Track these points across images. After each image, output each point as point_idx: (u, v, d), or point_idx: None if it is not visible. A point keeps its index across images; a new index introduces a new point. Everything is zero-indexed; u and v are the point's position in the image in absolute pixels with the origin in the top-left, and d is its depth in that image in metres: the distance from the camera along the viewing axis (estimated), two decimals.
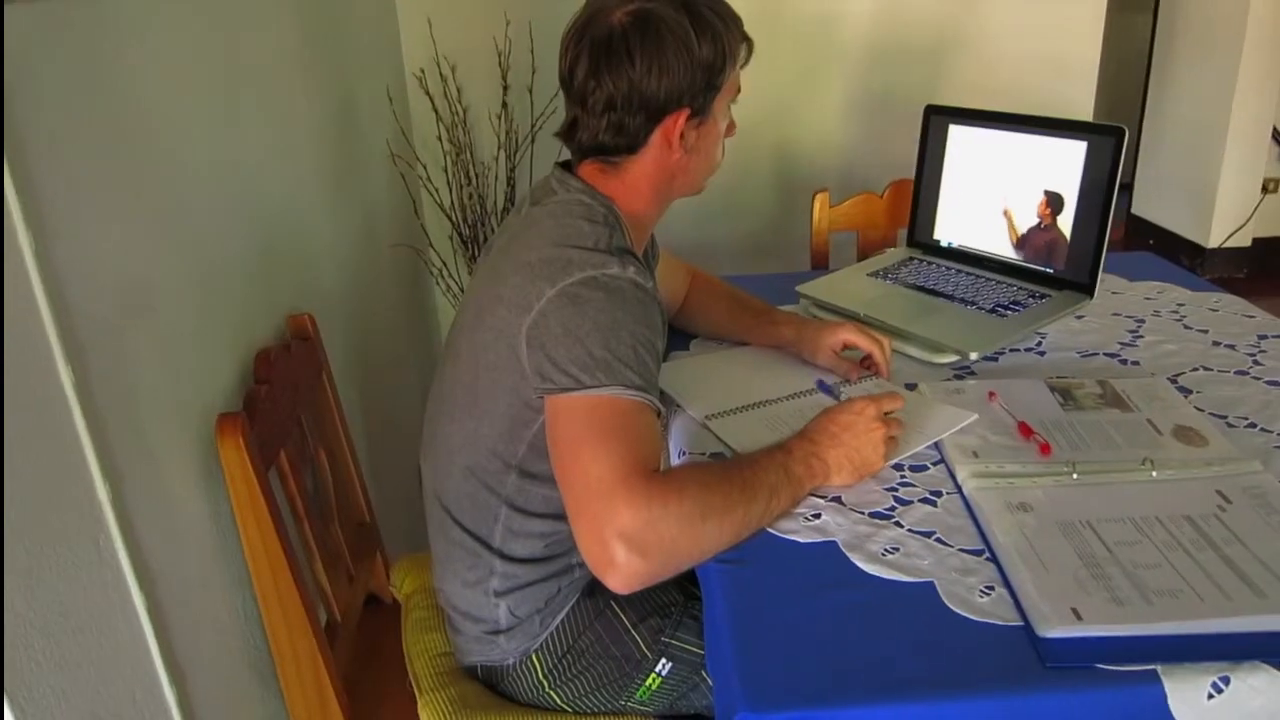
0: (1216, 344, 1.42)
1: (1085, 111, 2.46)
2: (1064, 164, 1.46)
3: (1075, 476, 1.05)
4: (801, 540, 1.00)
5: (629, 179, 1.14)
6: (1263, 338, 1.44)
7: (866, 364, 1.36)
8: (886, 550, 0.97)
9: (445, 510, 1.18)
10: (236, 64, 1.32)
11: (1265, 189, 3.96)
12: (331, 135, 1.72)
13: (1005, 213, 1.56)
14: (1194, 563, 0.91)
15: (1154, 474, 1.05)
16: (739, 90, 1.18)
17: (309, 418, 1.29)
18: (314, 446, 1.29)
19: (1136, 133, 4.33)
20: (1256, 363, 1.36)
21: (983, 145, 1.59)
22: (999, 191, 1.57)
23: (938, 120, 1.66)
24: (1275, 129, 3.87)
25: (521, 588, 1.16)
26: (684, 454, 1.19)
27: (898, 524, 1.02)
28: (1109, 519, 0.98)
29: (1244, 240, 4.00)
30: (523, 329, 1.03)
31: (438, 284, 2.32)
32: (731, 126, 1.20)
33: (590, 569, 0.95)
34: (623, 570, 0.91)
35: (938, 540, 0.99)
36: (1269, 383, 1.30)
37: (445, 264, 2.31)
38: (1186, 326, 1.49)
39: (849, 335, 1.34)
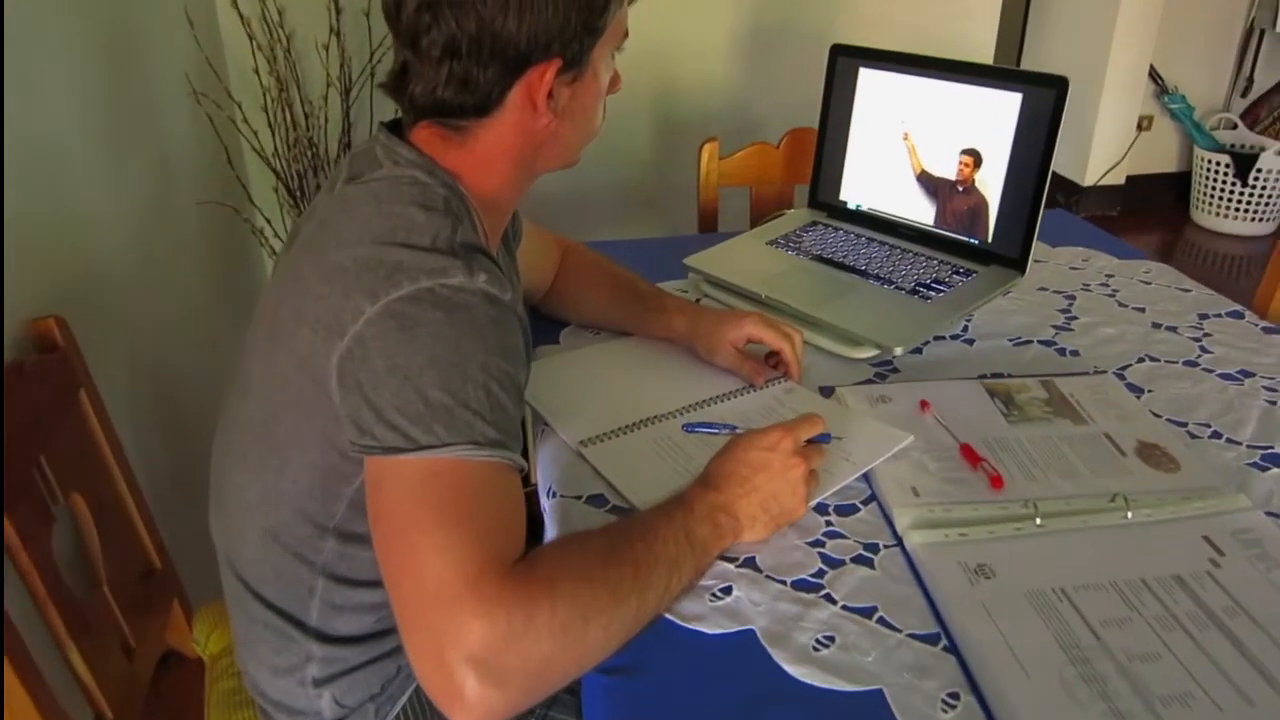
0: (1157, 326, 1.26)
1: (986, 52, 2.28)
2: (994, 118, 1.25)
3: (1039, 523, 0.85)
4: (709, 631, 0.77)
5: (480, 150, 0.86)
6: (1204, 317, 1.28)
7: (773, 362, 1.14)
8: (819, 642, 0.75)
9: (242, 582, 0.91)
10: None
11: (1140, 126, 3.93)
12: (103, 67, 1.35)
13: (905, 137, 1.35)
14: (1198, 649, 0.73)
15: (1129, 515, 0.87)
16: (626, 35, 0.90)
17: (56, 457, 0.97)
18: (64, 494, 0.98)
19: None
20: (1204, 349, 1.20)
21: (899, 93, 1.36)
22: (921, 146, 1.35)
23: (845, 63, 1.42)
24: (1152, 67, 3.82)
25: (349, 672, 0.91)
26: (554, 495, 0.94)
27: (829, 598, 0.80)
28: (1087, 585, 0.79)
29: (1118, 178, 3.98)
30: (333, 360, 0.75)
31: (263, 246, 1.98)
32: (615, 80, 0.93)
33: (430, 699, 0.69)
34: (475, 708, 0.66)
35: (881, 621, 0.78)
36: (1222, 376, 1.14)
37: (270, 222, 1.96)
38: (1121, 304, 1.32)
39: (754, 329, 1.10)
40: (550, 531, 0.91)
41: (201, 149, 1.75)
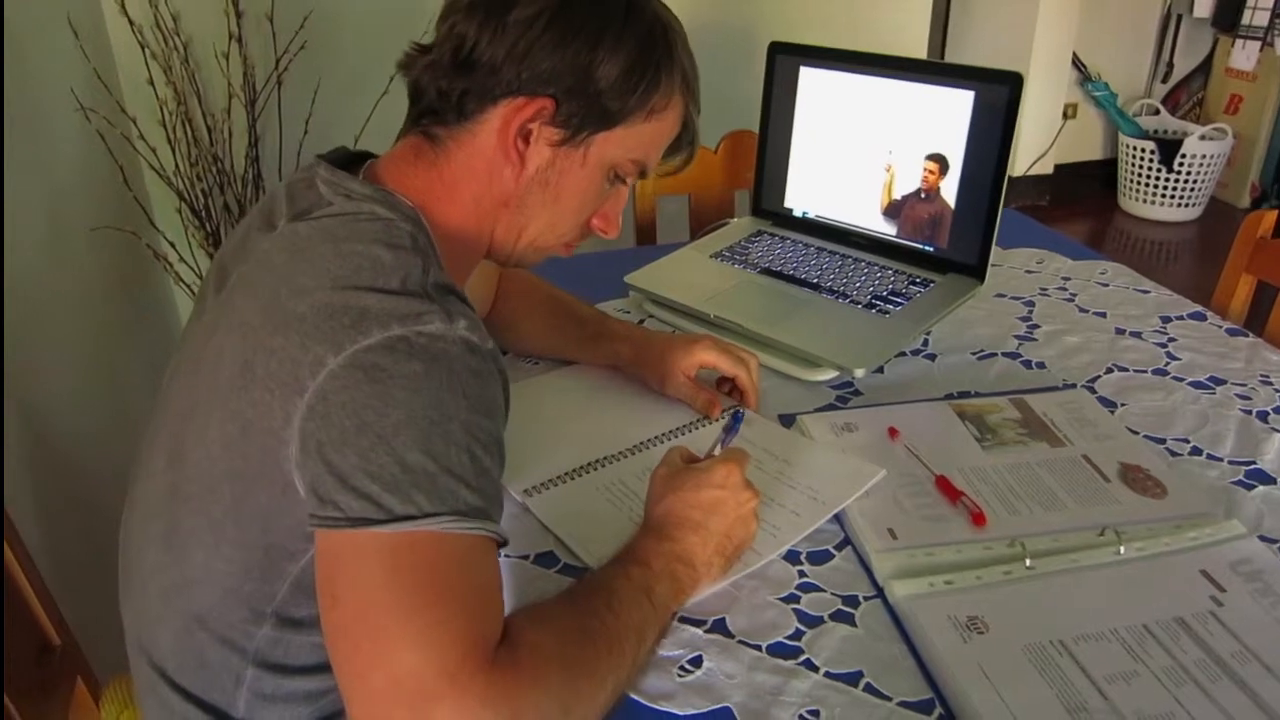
0: (1121, 332, 1.21)
1: (920, 44, 2.24)
2: (946, 118, 1.19)
3: (1029, 564, 0.79)
4: (679, 712, 0.68)
5: (449, 171, 0.78)
6: (1166, 320, 1.24)
7: (726, 388, 1.06)
8: (802, 718, 0.67)
9: (158, 670, 0.79)
10: None
11: (1065, 115, 3.96)
12: None
13: (888, 168, 1.27)
14: (1212, 704, 0.67)
15: (1121, 550, 0.80)
16: (644, 173, 0.83)
17: None
18: None
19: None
20: (1171, 356, 1.15)
21: (844, 93, 1.29)
22: (869, 150, 1.28)
23: (785, 61, 1.35)
24: (1075, 55, 3.84)
25: None
26: (500, 554, 0.84)
27: (810, 665, 0.72)
28: (1087, 635, 0.72)
29: (1046, 168, 4.00)
30: (294, 423, 0.64)
31: (168, 272, 1.83)
32: (608, 214, 0.85)
33: None
34: None
35: (868, 689, 0.70)
36: (1193, 385, 1.09)
37: (174, 246, 1.82)
38: (1082, 309, 1.27)
39: (707, 355, 1.02)
40: None
41: (93, 169, 1.61)
